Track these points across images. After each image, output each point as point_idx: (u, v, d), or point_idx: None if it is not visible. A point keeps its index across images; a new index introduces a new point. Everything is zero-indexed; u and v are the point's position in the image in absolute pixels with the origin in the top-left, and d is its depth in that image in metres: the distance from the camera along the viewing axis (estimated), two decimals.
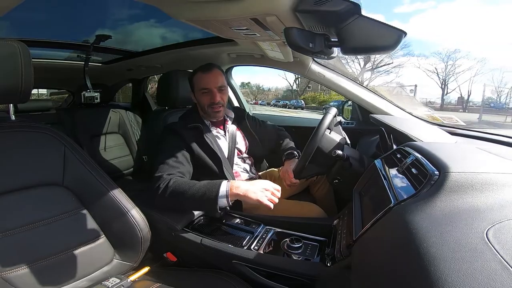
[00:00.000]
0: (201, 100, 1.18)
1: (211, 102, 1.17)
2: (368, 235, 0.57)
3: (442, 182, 0.50)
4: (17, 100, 0.75)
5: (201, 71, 1.18)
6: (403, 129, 1.01)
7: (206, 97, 1.17)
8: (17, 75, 0.71)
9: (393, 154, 0.87)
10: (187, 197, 0.92)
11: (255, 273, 0.81)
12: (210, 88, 1.16)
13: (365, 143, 1.54)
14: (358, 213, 0.73)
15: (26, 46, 0.72)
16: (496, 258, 0.33)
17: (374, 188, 0.77)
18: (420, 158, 0.66)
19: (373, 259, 0.49)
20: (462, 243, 0.36)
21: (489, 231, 0.38)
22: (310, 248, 0.87)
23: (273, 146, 1.41)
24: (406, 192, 0.57)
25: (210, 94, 1.16)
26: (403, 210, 0.49)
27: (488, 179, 0.50)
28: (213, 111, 1.18)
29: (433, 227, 0.41)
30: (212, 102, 1.17)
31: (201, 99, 1.18)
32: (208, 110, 1.18)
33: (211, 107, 1.17)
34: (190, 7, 0.91)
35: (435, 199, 0.48)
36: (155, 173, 1.00)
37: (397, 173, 0.71)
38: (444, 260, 0.34)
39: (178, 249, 0.98)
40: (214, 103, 1.17)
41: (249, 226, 0.98)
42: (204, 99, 1.17)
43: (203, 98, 1.17)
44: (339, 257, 0.70)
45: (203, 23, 1.07)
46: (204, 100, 1.17)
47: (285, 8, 0.78)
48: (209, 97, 1.16)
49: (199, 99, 1.18)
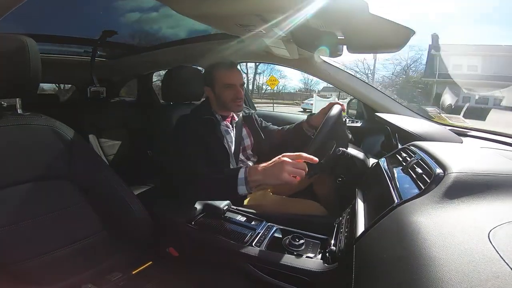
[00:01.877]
0: (224, 95, 1.19)
1: (236, 97, 1.19)
2: (370, 234, 0.57)
3: (446, 182, 0.50)
4: (24, 94, 0.76)
5: (225, 67, 1.20)
6: (408, 128, 1.00)
7: (230, 92, 1.18)
8: (25, 70, 0.72)
9: (397, 153, 0.87)
10: (211, 192, 0.98)
11: (256, 270, 0.81)
12: (235, 84, 1.18)
13: (369, 141, 1.53)
14: (361, 212, 0.73)
15: (34, 41, 0.73)
16: (499, 260, 0.32)
17: (377, 187, 0.77)
18: (425, 157, 0.66)
19: (375, 258, 0.49)
20: (465, 245, 0.36)
21: (493, 232, 0.37)
22: (311, 245, 0.87)
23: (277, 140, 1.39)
24: (410, 191, 0.57)
25: (235, 90, 1.18)
26: (407, 210, 0.49)
27: (493, 180, 0.49)
28: (235, 105, 1.21)
29: (436, 227, 0.41)
30: (237, 97, 1.19)
31: (224, 93, 1.19)
32: (231, 104, 1.20)
33: (234, 102, 1.19)
34: (195, 3, 0.91)
35: (439, 200, 0.47)
36: (177, 169, 1.05)
37: (402, 173, 0.71)
38: (446, 261, 0.34)
39: (181, 244, 0.99)
40: (240, 98, 1.20)
41: (251, 223, 0.98)
42: (228, 94, 1.19)
43: (227, 93, 1.19)
44: (340, 255, 0.70)
45: (208, 19, 1.07)
46: (228, 95, 1.19)
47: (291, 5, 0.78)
48: (233, 92, 1.18)
49: (221, 93, 1.19)
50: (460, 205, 0.45)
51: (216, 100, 1.22)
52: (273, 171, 0.83)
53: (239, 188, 0.88)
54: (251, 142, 1.33)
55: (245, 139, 1.31)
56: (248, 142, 1.32)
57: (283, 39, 1.19)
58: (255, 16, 0.88)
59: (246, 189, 0.88)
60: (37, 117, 0.82)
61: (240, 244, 0.86)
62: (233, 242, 0.87)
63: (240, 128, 1.30)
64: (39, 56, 0.74)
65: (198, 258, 0.94)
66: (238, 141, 1.25)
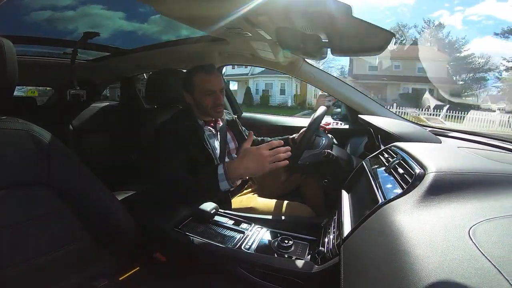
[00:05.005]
0: (204, 101, 1.16)
1: (215, 104, 1.16)
2: (356, 234, 0.58)
3: (427, 181, 0.52)
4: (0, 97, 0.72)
5: (204, 72, 1.16)
6: (390, 129, 1.03)
7: (209, 98, 1.15)
8: (1, 72, 0.68)
9: (380, 154, 0.89)
10: (193, 194, 1.00)
11: (246, 272, 0.81)
12: (215, 90, 1.15)
13: (354, 143, 1.57)
14: (347, 212, 0.75)
15: (10, 42, 0.70)
16: (481, 257, 0.34)
17: (362, 188, 0.79)
18: (406, 158, 0.68)
19: (362, 257, 0.50)
20: (447, 242, 0.37)
21: (472, 230, 0.39)
22: (300, 247, 0.87)
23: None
24: (393, 191, 0.59)
25: (214, 96, 1.15)
26: (391, 210, 0.51)
27: (471, 179, 0.51)
28: (215, 112, 1.18)
29: (418, 226, 0.43)
30: (217, 104, 1.16)
31: (204, 100, 1.16)
32: (211, 111, 1.17)
33: (214, 108, 1.17)
34: (180, 5, 0.90)
35: (421, 199, 0.49)
36: (159, 176, 1.05)
37: (385, 173, 0.73)
38: (430, 258, 0.35)
39: (168, 249, 0.97)
40: (219, 105, 1.17)
41: (240, 226, 0.98)
42: (208, 100, 1.15)
43: (206, 99, 1.15)
44: (329, 256, 0.71)
45: (193, 21, 1.06)
46: (208, 101, 1.16)
47: (277, 8, 0.79)
48: (212, 99, 1.15)
49: (201, 99, 1.16)
50: (441, 204, 0.47)
51: (196, 106, 1.19)
52: (254, 163, 0.90)
53: (221, 184, 0.93)
54: (235, 145, 1.33)
55: (229, 143, 1.30)
56: (232, 145, 1.32)
57: (269, 41, 1.20)
58: (241, 19, 0.89)
59: (228, 184, 0.93)
60: (13, 121, 0.79)
61: (229, 247, 0.86)
62: (222, 245, 0.87)
63: (225, 132, 1.29)
64: (15, 58, 0.71)
65: (187, 263, 0.92)
66: (223, 145, 1.24)
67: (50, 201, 0.80)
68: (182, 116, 1.21)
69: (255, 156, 0.91)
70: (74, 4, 1.55)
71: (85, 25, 1.68)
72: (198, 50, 1.68)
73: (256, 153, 0.91)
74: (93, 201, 0.85)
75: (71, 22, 1.66)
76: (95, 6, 1.60)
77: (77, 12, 1.61)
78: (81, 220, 0.83)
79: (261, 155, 0.90)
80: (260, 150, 0.91)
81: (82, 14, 1.62)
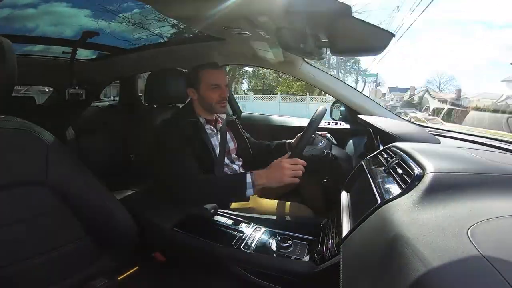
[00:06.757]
0: (209, 96, 1.17)
1: (221, 98, 1.17)
2: (355, 234, 0.58)
3: (426, 182, 0.52)
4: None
5: (210, 67, 1.18)
6: (389, 129, 1.03)
7: (215, 93, 1.16)
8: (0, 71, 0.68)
9: (379, 154, 0.89)
10: (215, 196, 1.02)
11: (245, 272, 0.81)
12: (221, 84, 1.17)
13: (353, 143, 1.57)
14: (346, 213, 0.75)
15: (9, 41, 0.70)
16: (481, 258, 0.34)
17: (361, 188, 0.79)
18: (405, 158, 0.68)
19: (361, 258, 0.50)
20: (446, 242, 0.37)
21: (471, 230, 0.39)
22: (299, 247, 0.87)
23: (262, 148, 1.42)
24: (392, 191, 0.59)
25: (220, 90, 1.17)
26: (389, 210, 0.51)
27: (469, 179, 0.52)
28: (220, 106, 1.19)
29: (417, 226, 0.43)
30: (222, 98, 1.18)
31: (210, 94, 1.17)
32: (216, 105, 1.18)
33: (219, 103, 1.18)
34: (180, 4, 0.90)
35: (420, 199, 0.49)
36: (173, 177, 1.04)
37: (384, 173, 0.73)
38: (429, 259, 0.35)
39: (167, 249, 0.97)
40: (224, 99, 1.18)
41: (239, 226, 0.98)
42: (214, 95, 1.16)
43: (212, 94, 1.16)
44: (328, 256, 0.71)
45: (193, 21, 1.06)
46: (214, 96, 1.17)
47: (277, 8, 0.79)
48: (218, 93, 1.17)
49: (206, 94, 1.17)
50: (439, 204, 0.47)
51: (200, 102, 1.20)
52: (275, 175, 0.95)
53: (248, 191, 0.96)
54: (235, 146, 1.34)
55: (229, 143, 1.31)
56: (232, 145, 1.32)
57: (268, 41, 1.20)
58: (241, 19, 0.89)
59: (253, 192, 0.97)
60: (11, 120, 0.78)
61: (228, 247, 0.86)
62: (221, 245, 0.87)
63: (225, 132, 1.29)
64: (14, 57, 0.71)
65: (186, 262, 0.92)
66: (222, 145, 1.24)
67: (49, 201, 0.80)
68: (183, 114, 1.21)
69: (278, 166, 0.96)
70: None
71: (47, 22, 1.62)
72: (197, 50, 1.68)
73: (279, 165, 0.96)
74: (93, 201, 0.85)
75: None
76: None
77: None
78: (80, 220, 0.83)
79: (282, 167, 0.95)
80: (282, 162, 0.96)
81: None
